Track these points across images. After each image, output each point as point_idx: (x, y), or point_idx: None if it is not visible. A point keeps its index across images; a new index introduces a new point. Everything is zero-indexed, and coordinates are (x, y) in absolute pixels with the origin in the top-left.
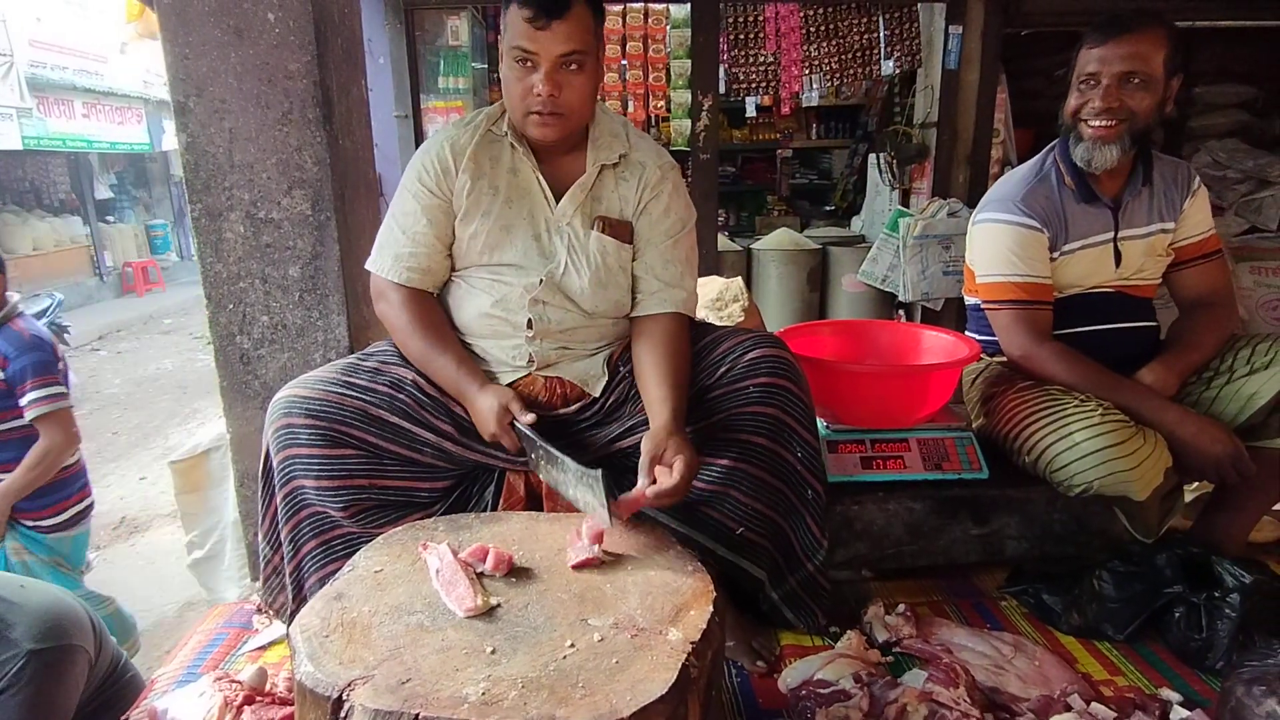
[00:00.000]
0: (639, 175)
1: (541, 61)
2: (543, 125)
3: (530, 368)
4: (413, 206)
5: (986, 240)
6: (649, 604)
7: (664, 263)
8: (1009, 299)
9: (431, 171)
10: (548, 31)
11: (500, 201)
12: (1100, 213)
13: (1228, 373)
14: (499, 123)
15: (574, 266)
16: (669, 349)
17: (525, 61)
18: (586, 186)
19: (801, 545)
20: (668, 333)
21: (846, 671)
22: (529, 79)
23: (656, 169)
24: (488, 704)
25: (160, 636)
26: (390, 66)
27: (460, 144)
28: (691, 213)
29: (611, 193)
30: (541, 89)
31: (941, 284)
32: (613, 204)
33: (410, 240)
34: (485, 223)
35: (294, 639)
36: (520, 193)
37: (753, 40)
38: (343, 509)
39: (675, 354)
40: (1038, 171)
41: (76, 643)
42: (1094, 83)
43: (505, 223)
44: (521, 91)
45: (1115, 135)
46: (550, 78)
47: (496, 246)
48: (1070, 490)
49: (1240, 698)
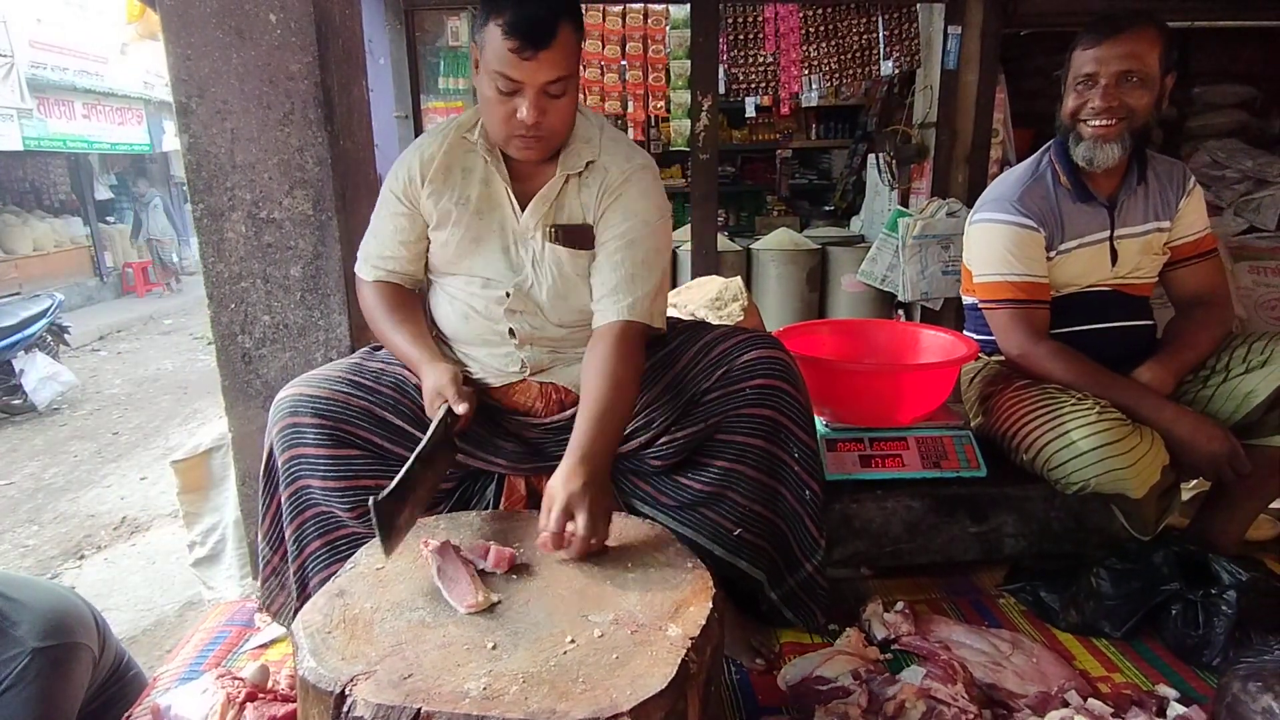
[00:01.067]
0: (600, 180)
1: (526, 90)
2: (526, 149)
3: (524, 373)
4: (383, 212)
5: (983, 240)
6: (649, 600)
7: (611, 266)
8: (1006, 298)
9: (401, 179)
10: (533, 61)
11: (470, 213)
12: (1096, 212)
13: (1224, 371)
14: (472, 130)
15: (537, 278)
16: (604, 368)
17: (509, 88)
18: (549, 198)
19: (800, 546)
20: (606, 348)
21: (845, 668)
22: (512, 103)
23: (619, 173)
24: (489, 699)
25: (162, 635)
26: (390, 67)
27: (429, 154)
28: (659, 214)
29: (574, 200)
30: (527, 116)
31: (940, 284)
32: (575, 211)
33: (379, 244)
34: (456, 233)
35: (296, 635)
36: (491, 205)
37: (752, 40)
38: (349, 509)
39: (608, 374)
40: (1033, 172)
41: (81, 640)
42: (1092, 83)
43: (475, 234)
44: (504, 115)
45: (1116, 133)
46: (535, 105)
47: (467, 256)
48: (1068, 488)
49: (1236, 694)
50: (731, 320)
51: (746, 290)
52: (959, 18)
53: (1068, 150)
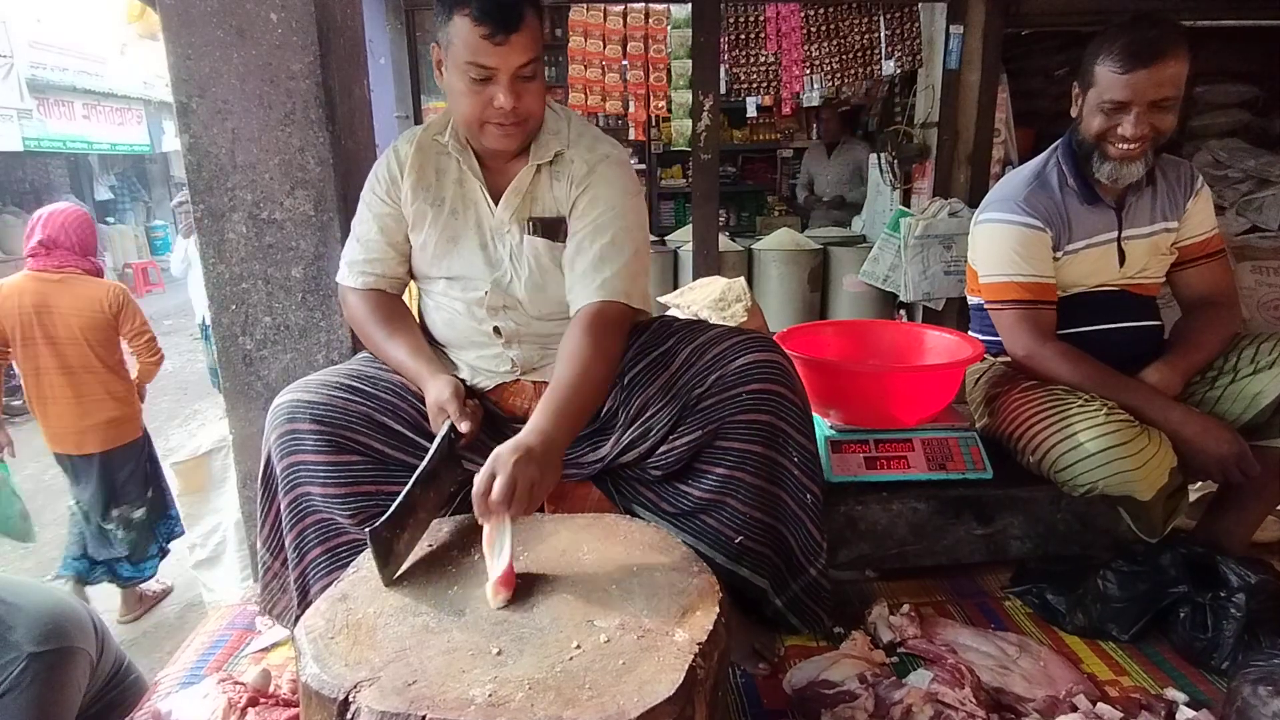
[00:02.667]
0: (568, 172)
1: (501, 75)
2: (506, 136)
3: (515, 373)
4: (365, 215)
5: (989, 240)
6: (655, 605)
7: (578, 252)
8: (1012, 299)
9: (382, 181)
10: (505, 45)
11: (446, 213)
12: (1103, 213)
13: (1231, 372)
14: (442, 134)
15: (515, 272)
16: (568, 354)
17: (482, 76)
18: (521, 190)
19: (803, 550)
20: (573, 334)
21: (851, 672)
22: (486, 92)
23: (584, 164)
24: (494, 705)
25: (162, 638)
26: (391, 67)
27: (403, 154)
28: (626, 192)
29: (547, 192)
30: (505, 102)
31: (943, 284)
32: (548, 204)
33: (364, 248)
34: (432, 234)
35: (299, 640)
36: (466, 203)
37: (753, 40)
38: (350, 515)
39: (569, 359)
40: (1039, 172)
41: (78, 645)
42: (1123, 110)
43: (451, 234)
44: (479, 105)
45: (1141, 154)
46: (511, 89)
47: (444, 256)
48: (1075, 490)
49: (1246, 698)
50: (735, 321)
51: (749, 291)
52: (960, 17)
53: (1075, 152)
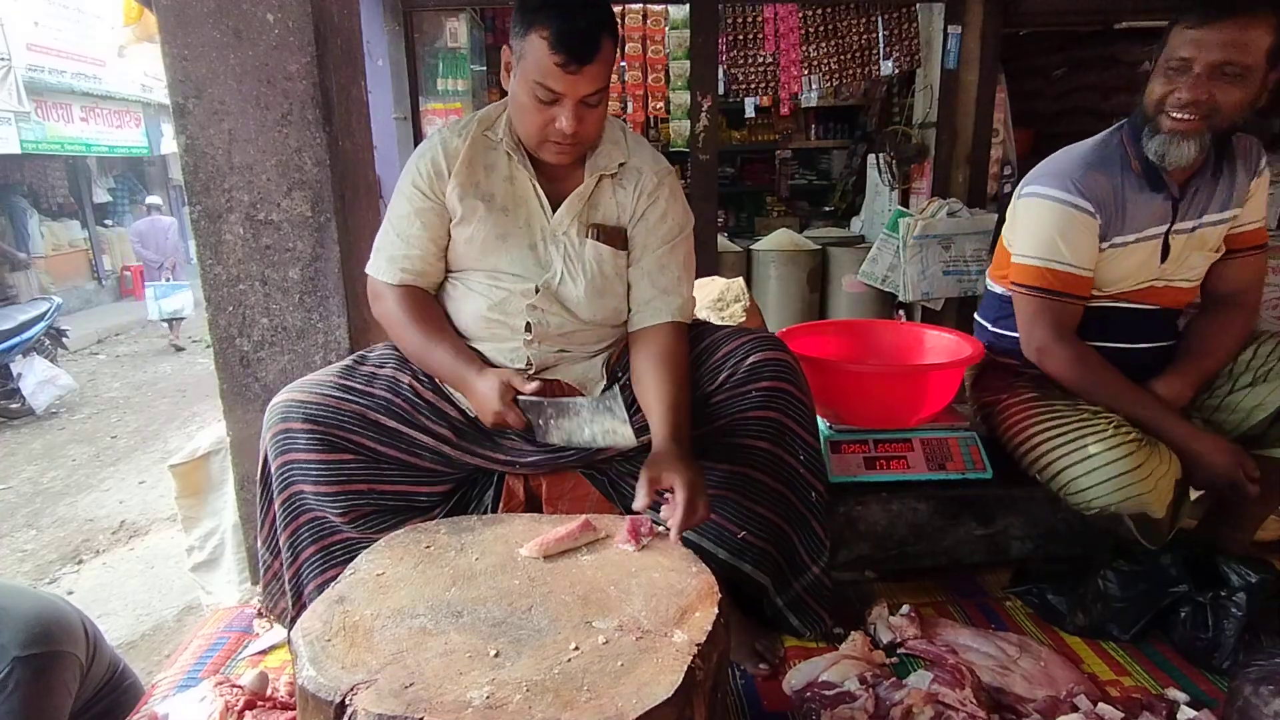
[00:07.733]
0: (636, 181)
1: (566, 101)
2: (561, 154)
3: (529, 371)
4: (406, 209)
5: (1032, 216)
6: (653, 606)
7: (659, 268)
8: (1041, 286)
9: (425, 175)
10: (577, 75)
11: (496, 209)
12: (1162, 204)
13: (1231, 380)
14: (494, 127)
15: (570, 276)
16: (666, 363)
17: (549, 98)
18: (584, 196)
19: (806, 548)
20: (664, 345)
21: (851, 673)
22: (550, 112)
23: (653, 175)
24: (492, 708)
25: (160, 641)
26: (389, 68)
27: (452, 147)
28: (689, 218)
29: (609, 200)
30: (566, 126)
31: (941, 284)
32: (609, 211)
33: (404, 243)
34: (481, 229)
35: (296, 643)
36: (517, 201)
37: (751, 41)
38: (342, 514)
39: (673, 368)
40: (1101, 151)
41: (66, 649)
42: (1184, 69)
43: (501, 230)
44: (541, 122)
45: (1195, 130)
46: (574, 115)
47: (491, 252)
48: (1088, 511)
49: (1248, 697)
50: (734, 321)
51: (748, 291)
52: (959, 17)
53: (1137, 128)
